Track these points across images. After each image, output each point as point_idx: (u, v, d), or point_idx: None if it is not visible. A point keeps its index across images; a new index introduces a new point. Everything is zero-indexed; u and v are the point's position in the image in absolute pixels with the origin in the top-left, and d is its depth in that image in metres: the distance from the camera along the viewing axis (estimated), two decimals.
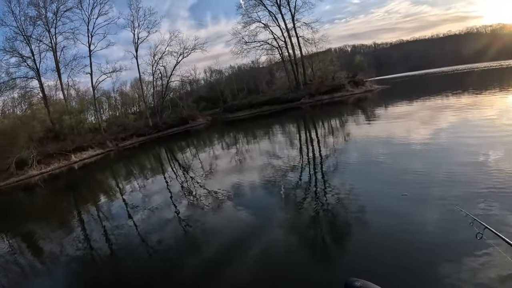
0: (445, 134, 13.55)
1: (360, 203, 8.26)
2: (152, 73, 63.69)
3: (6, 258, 11.04)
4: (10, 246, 12.73)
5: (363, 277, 3.43)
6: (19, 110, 55.40)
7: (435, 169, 9.41)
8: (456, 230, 5.87)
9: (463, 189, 7.60)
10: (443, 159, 10.27)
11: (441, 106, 22.06)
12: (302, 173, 12.81)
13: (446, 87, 36.75)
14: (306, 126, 28.91)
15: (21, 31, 50.08)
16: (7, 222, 17.98)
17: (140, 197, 15.51)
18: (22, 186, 31.83)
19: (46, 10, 51.44)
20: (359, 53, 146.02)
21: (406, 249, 5.83)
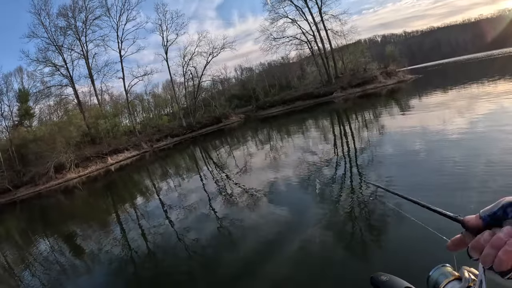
0: (483, 124, 12.68)
1: (396, 198, 7.86)
2: (183, 74, 64.33)
3: (49, 257, 11.35)
4: (52, 246, 13.16)
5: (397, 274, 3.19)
6: (56, 117, 56.87)
7: (475, 161, 8.91)
8: None
9: (504, 181, 7.05)
10: (482, 150, 9.66)
11: (477, 94, 21.06)
12: (337, 168, 12.40)
13: (481, 74, 35.36)
14: (340, 120, 28.31)
15: (52, 41, 51.89)
16: (49, 223, 18.65)
17: (176, 196, 15.53)
18: (61, 189, 32.76)
19: (75, 20, 53.21)
20: (390, 42, 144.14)
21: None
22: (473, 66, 57.80)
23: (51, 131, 44.02)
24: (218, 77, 72.99)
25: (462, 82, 29.76)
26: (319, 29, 60.02)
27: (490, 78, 28.16)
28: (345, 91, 52.59)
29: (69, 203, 24.75)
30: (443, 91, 28.29)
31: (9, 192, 37.79)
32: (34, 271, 10.57)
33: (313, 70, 68.74)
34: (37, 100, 56.18)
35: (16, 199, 35.32)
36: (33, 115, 55.89)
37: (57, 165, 38.40)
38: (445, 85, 33.18)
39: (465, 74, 44.64)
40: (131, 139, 50.19)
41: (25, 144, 43.38)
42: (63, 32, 52.48)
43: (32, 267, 11.12)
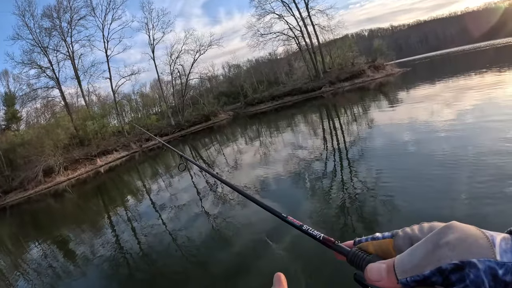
0: (471, 116, 12.74)
1: (388, 190, 8.06)
2: (171, 72, 64.06)
3: (41, 263, 11.23)
4: (44, 251, 13.00)
5: None
6: (43, 120, 56.41)
7: (463, 152, 8.96)
8: None
9: (492, 171, 7.18)
10: (469, 141, 9.72)
11: (465, 86, 21.18)
12: (327, 163, 12.57)
13: (468, 66, 35.72)
14: (329, 114, 28.34)
15: (37, 43, 51.36)
16: (40, 228, 18.41)
17: (167, 195, 15.46)
18: (51, 193, 32.44)
19: (60, 20, 52.68)
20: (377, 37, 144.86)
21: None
22: (460, 58, 58.39)
23: (39, 134, 43.52)
24: (205, 74, 72.92)
25: (450, 75, 30.17)
26: (306, 24, 60.00)
27: (477, 70, 28.37)
28: (334, 85, 52.63)
29: (60, 207, 24.55)
30: (431, 83, 28.37)
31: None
32: (27, 277, 10.47)
33: (301, 65, 68.85)
34: (23, 103, 55.82)
35: (6, 204, 34.81)
36: (20, 119, 55.48)
37: (46, 169, 38.00)
38: (432, 78, 33.28)
39: (452, 67, 44.97)
40: (120, 139, 49.84)
41: (13, 149, 42.91)
42: (48, 33, 52.04)
43: (25, 273, 10.99)
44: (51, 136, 42.14)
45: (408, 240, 0.66)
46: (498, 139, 9.11)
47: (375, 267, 0.64)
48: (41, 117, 58.01)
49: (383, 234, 0.74)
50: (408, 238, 0.66)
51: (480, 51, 65.69)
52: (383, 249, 0.71)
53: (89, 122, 48.01)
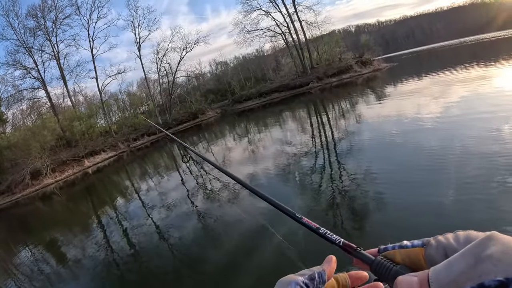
0: (457, 110, 12.86)
1: (377, 183, 8.12)
2: (157, 71, 63.62)
3: (32, 267, 11.16)
4: (34, 255, 12.86)
5: None
6: (29, 121, 55.70)
7: (450, 145, 9.06)
8: None
9: (479, 164, 7.27)
10: (456, 135, 9.80)
11: (451, 80, 21.38)
12: (316, 158, 12.60)
13: (455, 61, 35.93)
14: (317, 110, 28.36)
15: (22, 43, 50.49)
16: (29, 232, 18.31)
17: (156, 195, 15.38)
18: (39, 196, 32.04)
19: (45, 20, 51.68)
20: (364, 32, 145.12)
21: (423, 226, 5.57)
22: (446, 53, 58.73)
23: (25, 137, 42.90)
24: (192, 72, 72.59)
25: (436, 69, 30.27)
26: (293, 20, 59.78)
27: (463, 65, 28.61)
28: (321, 81, 52.63)
29: (48, 210, 24.26)
30: (418, 78, 28.56)
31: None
32: (18, 282, 10.39)
33: (288, 61, 68.66)
34: (9, 105, 54.84)
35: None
36: (6, 121, 54.59)
37: (33, 172, 37.49)
38: (419, 72, 33.60)
39: (439, 62, 45.29)
40: (108, 140, 49.35)
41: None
42: (33, 33, 51.12)
43: (15, 278, 10.89)
44: (37, 138, 41.54)
45: (442, 251, 0.61)
46: (484, 132, 9.19)
47: (405, 280, 0.58)
48: (27, 119, 57.27)
49: (412, 242, 0.69)
50: (442, 248, 0.61)
51: (466, 45, 66.20)
52: (411, 259, 0.66)
53: (76, 123, 47.42)
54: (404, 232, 5.63)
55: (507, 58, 25.79)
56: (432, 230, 0.69)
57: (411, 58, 72.31)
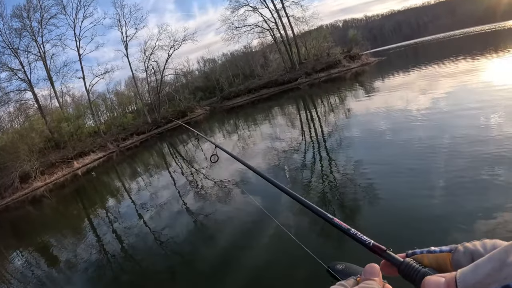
0: (445, 104, 12.99)
1: (368, 177, 8.21)
2: (145, 69, 63.24)
3: (25, 272, 11.11)
4: (27, 260, 12.81)
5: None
6: (17, 124, 55.05)
7: (439, 137, 9.19)
8: None
9: (468, 156, 7.39)
10: (445, 129, 9.88)
11: (439, 74, 21.58)
12: (306, 153, 12.68)
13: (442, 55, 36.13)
14: (306, 105, 28.46)
15: (7, 44, 49.81)
16: (20, 237, 18.13)
17: (147, 195, 15.28)
18: (29, 199, 31.81)
19: (30, 20, 51.12)
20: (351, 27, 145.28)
21: (414, 220, 5.72)
22: (434, 47, 59.02)
23: (13, 139, 42.48)
24: (180, 70, 72.29)
25: (424, 63, 30.74)
26: (280, 16, 59.83)
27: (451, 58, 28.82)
28: (310, 76, 52.68)
29: (39, 214, 24.08)
30: (406, 72, 28.74)
31: None
32: (12, 287, 10.36)
33: (276, 57, 68.65)
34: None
35: None
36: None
37: (22, 175, 37.12)
38: (407, 66, 33.79)
39: (427, 55, 45.60)
40: (96, 140, 48.99)
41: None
42: (18, 34, 50.50)
43: (7, 283, 10.81)
44: (25, 140, 41.13)
45: (469, 256, 0.63)
46: (472, 125, 9.27)
47: (433, 280, 0.61)
48: (14, 121, 56.60)
49: (440, 248, 0.71)
50: (469, 254, 0.63)
51: (454, 39, 66.53)
52: (439, 263, 0.69)
53: (64, 124, 47.06)
54: (395, 226, 5.72)
55: (494, 51, 25.96)
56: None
57: (399, 52, 72.61)
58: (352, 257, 4.60)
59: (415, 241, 5.12)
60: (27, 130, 45.24)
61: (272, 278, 5.62)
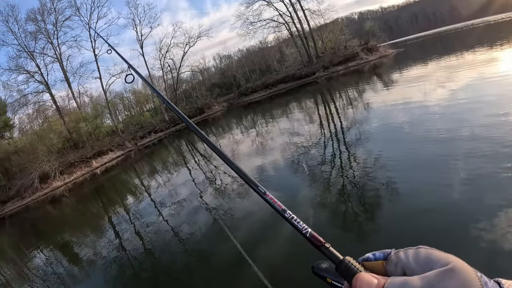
0: (464, 95, 12.61)
1: (387, 172, 8.01)
2: (161, 67, 63.35)
3: (46, 270, 11.33)
4: (47, 258, 13.05)
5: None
6: (36, 125, 55.56)
7: (458, 130, 8.92)
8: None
9: (488, 150, 7.10)
10: (464, 120, 9.59)
11: (458, 64, 21.01)
12: (325, 148, 12.49)
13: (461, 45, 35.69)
14: (324, 99, 28.02)
15: (23, 47, 50.38)
16: (41, 235, 18.45)
17: (166, 192, 15.38)
18: (49, 199, 32.13)
19: (45, 23, 51.60)
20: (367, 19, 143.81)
21: (435, 216, 5.55)
22: (452, 37, 58.14)
23: (31, 141, 42.89)
24: (197, 67, 72.17)
25: (443, 54, 30.24)
26: (296, 9, 59.10)
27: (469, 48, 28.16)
28: (328, 70, 51.92)
29: (59, 213, 24.32)
30: (425, 63, 27.98)
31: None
32: (32, 285, 10.58)
33: (292, 52, 68.08)
34: (15, 110, 54.85)
35: (4, 215, 34.37)
36: (12, 126, 54.63)
37: (41, 175, 37.47)
38: (426, 57, 32.88)
39: (445, 46, 44.68)
40: (114, 139, 49.24)
41: (7, 157, 42.39)
42: (34, 37, 50.92)
43: (29, 281, 11.02)
44: (44, 141, 41.53)
45: (400, 269, 0.64)
46: (491, 116, 9.05)
47: (366, 278, 0.63)
48: (34, 123, 57.20)
49: (375, 254, 0.72)
50: (400, 267, 0.64)
51: (471, 29, 65.25)
52: (374, 271, 0.69)
53: (82, 124, 47.32)
54: (415, 222, 5.58)
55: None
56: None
57: (417, 43, 71.51)
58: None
59: (433, 236, 4.97)
60: (45, 131, 45.65)
61: (286, 276, 5.55)
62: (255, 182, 1.05)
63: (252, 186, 1.06)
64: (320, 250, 0.77)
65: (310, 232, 0.81)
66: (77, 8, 53.82)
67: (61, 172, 39.21)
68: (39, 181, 36.97)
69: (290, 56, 69.20)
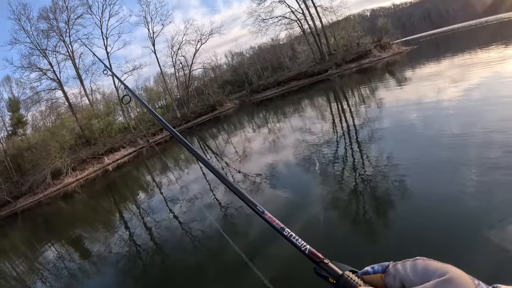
0: (479, 94, 12.36)
1: (399, 171, 7.92)
2: (173, 64, 63.20)
3: (57, 264, 11.48)
4: (59, 253, 13.22)
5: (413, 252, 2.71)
6: (49, 122, 55.96)
7: (471, 130, 8.78)
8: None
9: (501, 150, 6.98)
10: (478, 120, 9.40)
11: (473, 62, 20.52)
12: (338, 146, 12.31)
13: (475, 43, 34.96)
14: (337, 97, 27.69)
15: (35, 45, 50.81)
16: (53, 231, 18.62)
17: (178, 188, 15.46)
18: (61, 195, 32.39)
19: (57, 21, 51.93)
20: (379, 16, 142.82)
21: (448, 217, 5.44)
22: (465, 34, 57.25)
23: (44, 137, 43.25)
24: (208, 64, 71.97)
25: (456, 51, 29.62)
26: (308, 6, 58.55)
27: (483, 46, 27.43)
28: (340, 67, 51.43)
29: (71, 208, 24.53)
30: (438, 61, 27.42)
31: (9, 204, 37.25)
32: (44, 279, 10.72)
33: (304, 49, 67.63)
34: (28, 107, 55.40)
35: (17, 210, 34.80)
36: (26, 123, 55.15)
37: (53, 171, 37.83)
38: (440, 55, 32.34)
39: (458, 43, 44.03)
40: (126, 136, 49.47)
41: (20, 154, 42.93)
42: (46, 35, 51.31)
43: (41, 275, 11.22)
44: (56, 138, 41.85)
45: (398, 281, 0.65)
46: (506, 120, 8.72)
47: None
48: (46, 119, 57.62)
49: (373, 267, 0.73)
50: (399, 279, 0.65)
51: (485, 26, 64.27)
52: (374, 284, 0.71)
53: (94, 121, 47.54)
54: (427, 223, 5.48)
55: None
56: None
57: (431, 41, 70.50)
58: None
59: (446, 241, 4.82)
60: (58, 127, 45.97)
61: (298, 277, 5.33)
62: (253, 201, 1.08)
63: (250, 205, 1.09)
64: (319, 266, 0.79)
65: (309, 249, 0.83)
66: (89, 6, 54.08)
67: (73, 169, 39.47)
68: (51, 177, 37.30)
69: (302, 53, 68.78)
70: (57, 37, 52.19)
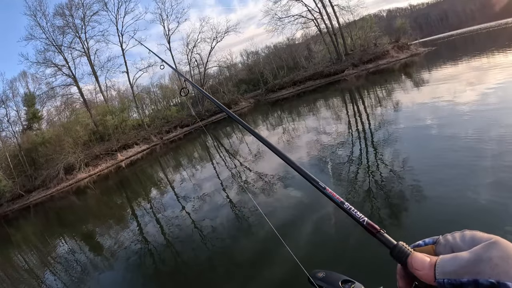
0: (496, 96, 12.17)
1: (414, 174, 7.83)
2: (188, 62, 63.18)
3: (69, 258, 11.61)
4: (70, 247, 13.42)
5: None
6: (64, 117, 56.29)
7: (487, 134, 8.68)
8: None
9: None
10: (494, 124, 9.25)
11: (492, 65, 20.02)
12: (353, 148, 12.25)
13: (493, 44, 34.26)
14: (353, 98, 27.27)
15: (51, 41, 51.11)
16: (64, 225, 18.80)
17: (190, 186, 15.34)
18: (73, 190, 32.65)
19: (73, 17, 52.32)
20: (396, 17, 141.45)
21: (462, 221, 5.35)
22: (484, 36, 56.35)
23: (58, 133, 43.56)
24: (224, 62, 71.83)
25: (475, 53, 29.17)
26: (325, 5, 58.06)
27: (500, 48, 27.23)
28: (357, 68, 50.81)
29: (83, 203, 24.56)
30: (456, 63, 26.79)
31: (22, 197, 37.67)
32: (55, 272, 10.93)
33: (320, 49, 66.96)
34: (43, 102, 55.90)
35: (29, 203, 35.19)
36: (41, 118, 55.52)
37: (66, 166, 38.08)
38: (458, 57, 31.65)
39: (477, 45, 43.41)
40: (140, 133, 49.54)
41: (34, 148, 43.30)
42: (62, 31, 51.70)
43: (53, 269, 11.48)
44: (70, 133, 42.14)
45: (449, 249, 0.68)
46: None
47: (419, 257, 0.68)
48: (61, 115, 57.99)
49: (424, 240, 0.76)
50: (449, 247, 0.68)
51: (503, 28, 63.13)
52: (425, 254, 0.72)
53: (108, 117, 47.67)
54: (440, 223, 5.45)
55: None
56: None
57: (449, 42, 69.49)
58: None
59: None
60: (72, 123, 46.31)
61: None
62: (316, 179, 1.10)
63: (313, 183, 1.11)
64: (376, 236, 0.81)
65: (367, 220, 0.85)
66: (105, 3, 54.41)
67: (86, 164, 39.64)
68: (64, 172, 37.56)
69: (318, 53, 68.15)
70: (73, 34, 52.64)
